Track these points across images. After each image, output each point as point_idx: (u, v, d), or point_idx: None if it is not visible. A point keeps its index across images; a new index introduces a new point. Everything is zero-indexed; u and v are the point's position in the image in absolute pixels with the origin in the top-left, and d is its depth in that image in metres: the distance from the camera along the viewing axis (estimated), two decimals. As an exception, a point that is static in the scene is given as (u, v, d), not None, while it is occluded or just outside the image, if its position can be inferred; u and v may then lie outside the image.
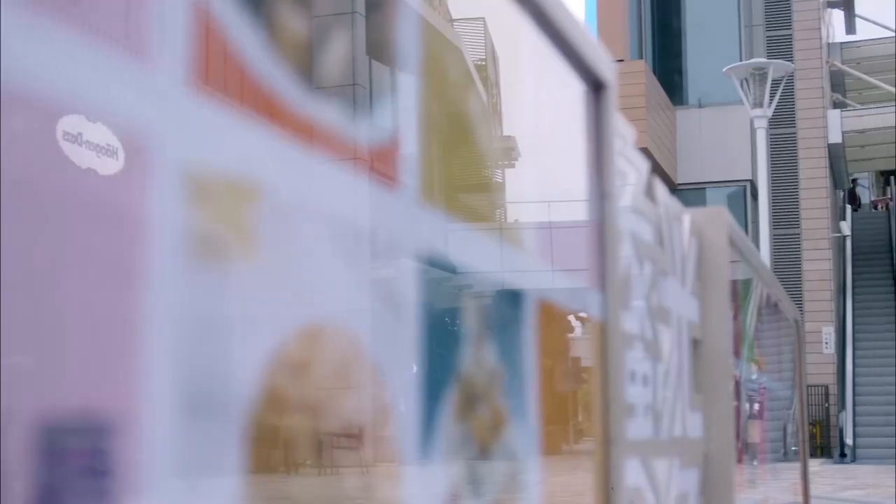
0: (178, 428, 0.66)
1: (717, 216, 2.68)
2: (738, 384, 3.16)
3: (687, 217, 2.52)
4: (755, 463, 3.74)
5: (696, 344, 2.58)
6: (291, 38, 0.99)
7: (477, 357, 1.08)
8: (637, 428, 1.98)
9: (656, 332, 2.16)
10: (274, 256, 0.79)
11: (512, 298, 1.23)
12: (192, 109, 0.71)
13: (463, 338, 1.06)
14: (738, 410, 3.19)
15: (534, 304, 1.29)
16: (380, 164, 0.96)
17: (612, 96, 1.63)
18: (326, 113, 0.90)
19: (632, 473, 1.93)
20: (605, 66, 1.61)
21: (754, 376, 3.73)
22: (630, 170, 2.02)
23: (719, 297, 2.68)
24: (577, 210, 1.65)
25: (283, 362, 0.76)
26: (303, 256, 0.82)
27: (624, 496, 1.63)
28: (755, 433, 3.73)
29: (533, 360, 1.27)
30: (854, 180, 37.12)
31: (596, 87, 1.62)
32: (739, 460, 3.12)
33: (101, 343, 0.65)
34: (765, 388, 4.14)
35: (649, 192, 2.16)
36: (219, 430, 0.70)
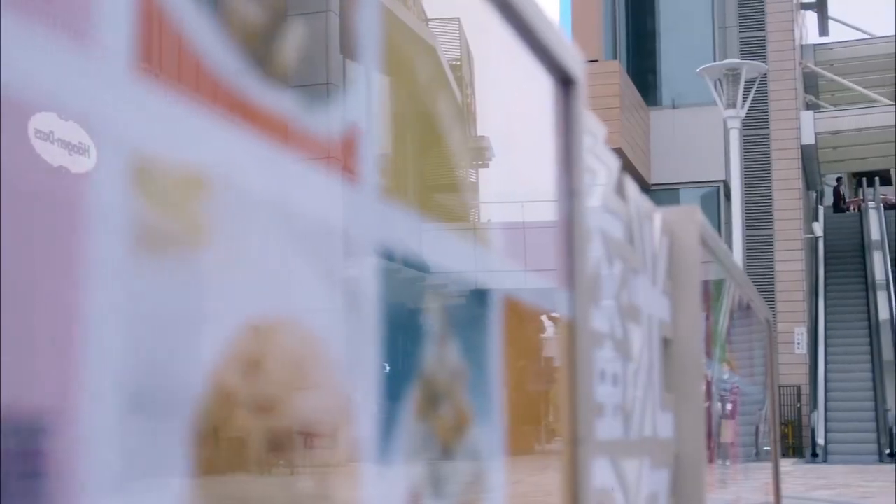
0: (120, 428, 0.63)
1: (688, 215, 2.67)
2: (709, 384, 3.15)
3: (658, 216, 2.50)
4: (727, 463, 3.73)
5: (667, 343, 2.57)
6: (261, 32, 0.96)
7: (440, 356, 1.06)
8: (607, 428, 1.96)
9: (626, 331, 2.14)
10: (227, 250, 0.76)
11: (478, 297, 1.21)
12: (141, 98, 0.68)
13: (426, 336, 1.04)
14: (709, 410, 3.18)
15: (501, 302, 1.27)
16: (344, 159, 0.93)
17: (582, 92, 1.61)
18: (289, 107, 0.88)
19: (601, 473, 1.91)
20: (574, 61, 1.58)
21: (726, 376, 3.71)
22: (600, 167, 2.00)
23: (691, 297, 2.67)
24: (548, 209, 1.63)
25: (234, 360, 0.74)
26: (258, 251, 0.80)
27: (592, 496, 1.61)
28: (727, 433, 3.72)
29: (500, 359, 1.25)
30: (839, 178, 37.24)
31: (565, 82, 1.59)
32: (711, 460, 3.10)
33: (39, 339, 0.62)
34: (737, 388, 4.13)
35: (620, 190, 2.14)
36: (165, 430, 0.67)
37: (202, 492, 0.70)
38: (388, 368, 1.10)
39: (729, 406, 3.77)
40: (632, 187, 2.24)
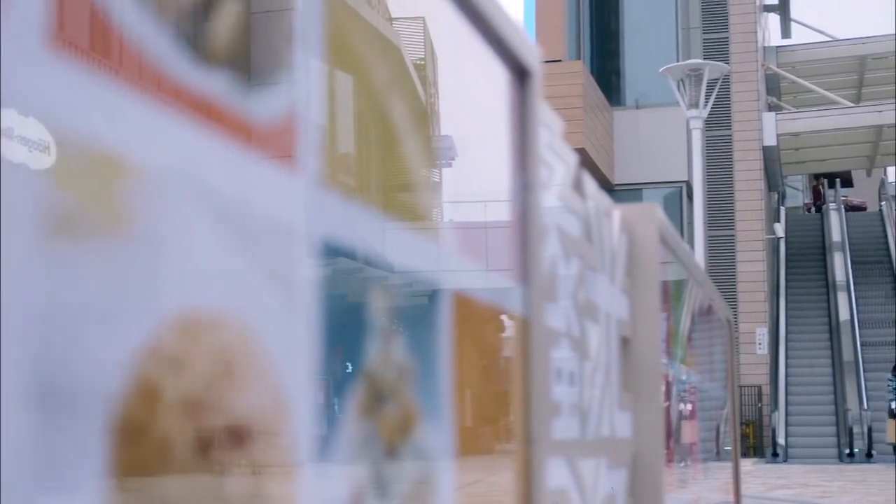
0: (32, 429, 0.59)
1: (647, 212, 2.64)
2: (669, 384, 3.13)
3: (617, 213, 2.47)
4: (686, 463, 3.71)
5: (625, 342, 2.54)
6: (195, 11, 0.92)
7: (386, 354, 1.02)
8: (563, 427, 1.92)
9: (584, 329, 2.11)
10: (151, 241, 0.72)
11: (428, 294, 1.17)
12: (58, 77, 0.64)
13: (370, 333, 1.00)
14: (668, 410, 3.16)
15: (453, 300, 1.23)
16: (283, 147, 0.90)
17: (538, 85, 1.58)
18: (222, 89, 0.84)
19: (557, 474, 1.88)
20: (530, 53, 1.55)
21: (686, 376, 3.69)
22: (557, 163, 1.97)
23: (650, 295, 2.64)
24: (504, 209, 1.60)
25: (158, 356, 0.70)
26: (186, 241, 0.76)
27: (546, 497, 1.58)
28: (686, 433, 3.70)
29: (452, 358, 1.21)
30: (818, 176, 37.38)
31: (521, 75, 1.56)
32: (669, 460, 3.08)
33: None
34: (696, 388, 4.11)
35: (578, 187, 2.11)
36: (81, 431, 0.63)
37: (122, 496, 0.66)
38: (350, 367, 1.06)
39: (688, 406, 3.76)
40: (590, 184, 2.21)
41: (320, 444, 0.88)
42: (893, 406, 21.80)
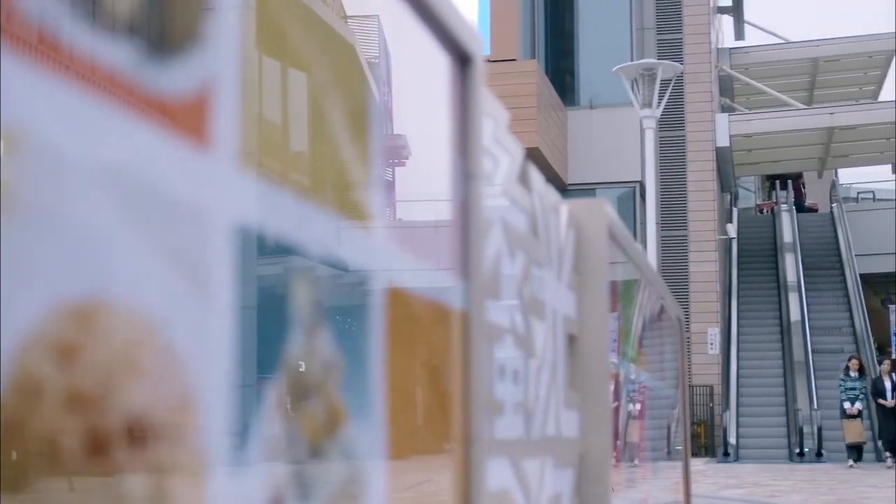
0: None
1: (596, 208, 2.59)
2: (618, 383, 3.09)
3: (565, 208, 2.42)
4: (635, 463, 3.67)
5: (572, 340, 2.49)
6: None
7: (307, 348, 0.96)
8: (506, 426, 1.87)
9: (529, 325, 2.06)
10: (42, 221, 0.66)
11: (357, 286, 1.11)
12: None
13: (290, 326, 0.94)
14: (617, 409, 3.11)
15: (387, 293, 1.18)
16: (196, 124, 0.83)
17: (479, 71, 1.52)
18: (124, 59, 0.78)
19: (500, 474, 1.83)
20: (472, 38, 1.50)
21: (636, 375, 3.66)
22: (503, 155, 1.91)
23: (598, 292, 2.59)
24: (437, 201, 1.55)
25: (44, 346, 0.64)
26: (83, 222, 0.70)
27: (486, 498, 1.53)
28: (635, 433, 3.66)
29: (383, 354, 1.15)
30: (800, 174, 37.52)
31: (462, 60, 1.51)
32: (618, 460, 3.04)
33: None
34: (646, 387, 4.08)
35: (524, 180, 2.06)
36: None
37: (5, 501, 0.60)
38: (268, 362, 1.00)
39: (638, 406, 3.72)
40: (536, 177, 2.16)
41: (233, 444, 0.82)
42: (847, 407, 21.87)
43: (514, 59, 23.89)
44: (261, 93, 0.94)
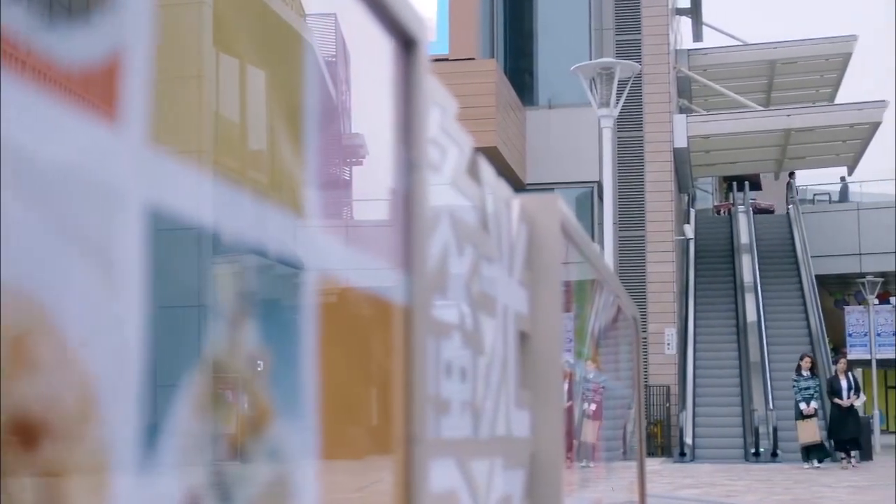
0: None
1: (549, 203, 2.54)
2: (572, 382, 3.04)
3: (517, 202, 2.36)
4: (589, 463, 3.62)
5: (524, 337, 2.43)
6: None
7: (228, 342, 0.89)
8: (453, 426, 1.81)
9: (478, 322, 2.00)
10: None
11: (287, 274, 1.05)
12: None
13: (208, 317, 0.88)
14: (571, 409, 3.06)
15: (319, 283, 1.11)
16: (104, 98, 0.77)
17: (424, 55, 1.46)
18: (24, 26, 0.71)
19: (446, 475, 1.77)
20: (416, 20, 1.44)
21: (591, 375, 3.61)
22: (451, 146, 1.85)
23: (551, 288, 2.54)
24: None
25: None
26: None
27: (429, 500, 1.47)
28: (590, 433, 3.61)
29: (315, 350, 1.09)
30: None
31: (406, 44, 1.45)
32: (571, 460, 2.99)
33: None
34: (602, 387, 4.03)
35: (473, 173, 2.00)
36: None
37: None
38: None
39: (593, 405, 3.67)
40: (487, 170, 2.10)
41: (142, 445, 0.76)
42: (803, 408, 21.87)
43: (472, 59, 23.85)
44: (175, 64, 0.87)
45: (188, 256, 0.88)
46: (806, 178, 42.78)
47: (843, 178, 39.85)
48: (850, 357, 29.02)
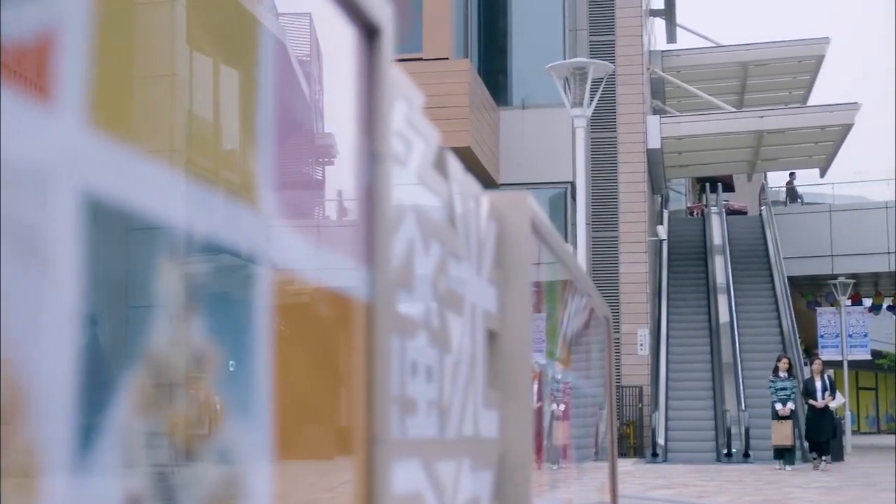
0: None
1: (518, 200, 2.50)
2: (542, 381, 3.00)
3: (486, 199, 2.32)
4: (559, 464, 3.59)
5: (493, 336, 2.39)
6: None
7: (173, 336, 0.85)
8: (418, 426, 1.77)
9: (445, 320, 1.96)
10: None
11: (238, 266, 1.00)
12: None
13: (151, 309, 0.83)
14: (540, 409, 3.02)
15: (273, 277, 1.07)
16: (36, 77, 0.72)
17: (388, 44, 1.42)
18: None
19: (411, 476, 1.73)
20: (380, 8, 1.39)
21: (561, 375, 3.57)
22: (417, 139, 1.81)
23: (520, 287, 2.50)
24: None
25: None
26: None
27: (392, 501, 1.42)
28: (560, 433, 3.57)
29: (272, 346, 1.04)
30: (792, 173, 37.81)
31: (369, 32, 1.40)
32: (540, 461, 2.95)
33: None
34: (573, 387, 4.00)
35: (440, 167, 1.96)
36: None
37: None
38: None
39: (563, 406, 3.63)
40: (455, 165, 2.05)
41: (76, 447, 0.71)
42: (778, 408, 21.73)
43: (446, 58, 23.80)
44: (108, 41, 0.82)
45: (130, 248, 0.84)
46: (779, 180, 42.94)
47: (788, 183, 40.02)
48: (822, 358, 29.11)
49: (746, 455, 23.63)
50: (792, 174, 38.57)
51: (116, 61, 0.87)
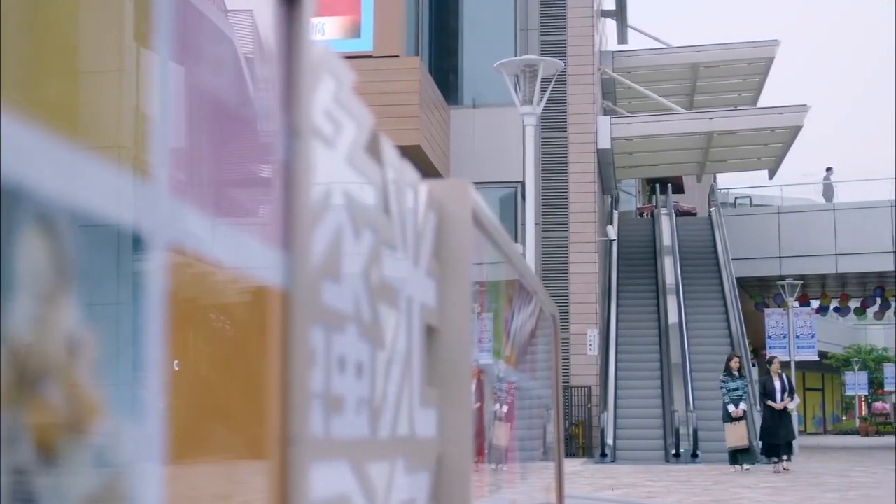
0: None
1: (459, 189, 2.39)
2: (482, 379, 2.90)
3: (424, 187, 2.21)
4: (502, 465, 3.48)
5: (431, 332, 2.28)
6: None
7: (39, 320, 0.73)
8: (346, 425, 1.66)
9: (377, 313, 1.85)
10: None
11: (122, 240, 0.88)
12: None
13: (12, 289, 0.71)
14: (482, 408, 2.92)
15: (167, 257, 0.95)
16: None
17: (308, 10, 1.31)
18: None
19: (337, 478, 1.62)
20: (299, -29, 1.28)
21: (504, 373, 3.47)
22: (347, 120, 1.70)
23: (461, 280, 2.39)
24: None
25: None
26: None
27: (311, 509, 1.31)
28: (502, 435, 3.47)
29: (162, 335, 0.93)
30: (829, 168, 37.92)
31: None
32: (481, 462, 2.84)
33: None
34: (518, 386, 3.90)
35: (373, 151, 1.85)
36: None
37: None
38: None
39: (506, 405, 3.53)
40: (390, 150, 1.94)
41: None
42: (731, 410, 21.11)
43: (396, 56, 23.67)
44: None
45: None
46: (727, 182, 43.18)
47: (826, 177, 39.90)
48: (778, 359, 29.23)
49: (695, 455, 23.66)
50: (829, 169, 38.71)
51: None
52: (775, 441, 20.95)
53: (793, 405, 21.54)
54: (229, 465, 1.19)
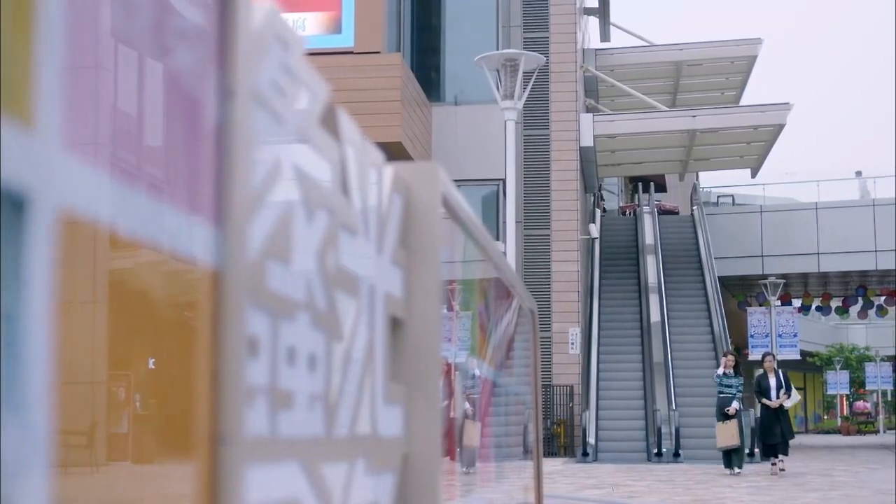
0: None
1: (428, 172, 2.24)
2: (452, 376, 2.77)
3: (389, 169, 2.07)
4: (476, 464, 3.35)
5: (397, 323, 2.14)
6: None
7: None
8: (297, 422, 1.51)
9: (333, 302, 1.70)
10: None
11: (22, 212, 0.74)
12: None
13: None
14: (453, 405, 2.79)
15: (56, 219, 0.81)
16: None
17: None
18: None
19: (286, 480, 1.47)
20: None
21: (476, 369, 3.33)
22: (299, 90, 1.55)
23: (429, 270, 2.24)
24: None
25: None
26: None
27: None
28: (476, 432, 3.33)
29: (52, 312, 0.79)
30: (859, 172, 37.94)
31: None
32: (453, 462, 2.71)
33: None
34: (492, 383, 3.77)
35: (329, 125, 1.70)
36: None
37: None
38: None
39: (481, 403, 3.40)
40: (349, 126, 1.80)
41: None
42: (727, 409, 20.63)
43: (378, 52, 23.52)
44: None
45: None
46: (710, 181, 43.13)
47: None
48: (751, 358, 29.16)
49: (677, 454, 23.56)
50: (858, 173, 38.73)
51: None
52: (773, 440, 20.33)
53: (790, 402, 20.73)
54: (146, 467, 1.04)
